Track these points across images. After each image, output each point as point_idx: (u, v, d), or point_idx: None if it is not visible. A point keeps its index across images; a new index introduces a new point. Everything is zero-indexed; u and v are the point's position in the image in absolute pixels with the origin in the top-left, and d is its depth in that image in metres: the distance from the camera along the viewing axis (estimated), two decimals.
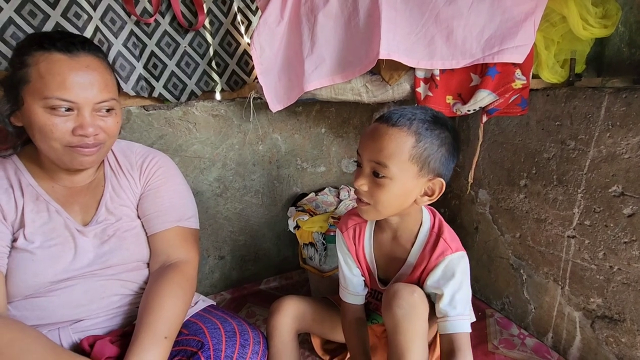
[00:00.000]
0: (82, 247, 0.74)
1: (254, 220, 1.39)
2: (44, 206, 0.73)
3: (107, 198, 0.79)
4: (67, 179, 0.76)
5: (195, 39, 1.25)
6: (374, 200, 0.70)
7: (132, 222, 0.81)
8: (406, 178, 0.68)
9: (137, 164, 0.85)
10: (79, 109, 0.66)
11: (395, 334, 0.68)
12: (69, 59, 0.65)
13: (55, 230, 0.72)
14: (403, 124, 0.66)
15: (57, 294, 0.71)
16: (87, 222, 0.77)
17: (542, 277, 1.04)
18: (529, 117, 0.99)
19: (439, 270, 0.71)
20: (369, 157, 0.69)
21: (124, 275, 0.79)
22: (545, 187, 0.98)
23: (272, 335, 0.84)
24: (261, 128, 1.29)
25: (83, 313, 0.74)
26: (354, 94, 1.04)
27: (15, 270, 0.68)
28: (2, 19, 0.96)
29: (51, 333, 0.72)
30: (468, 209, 1.29)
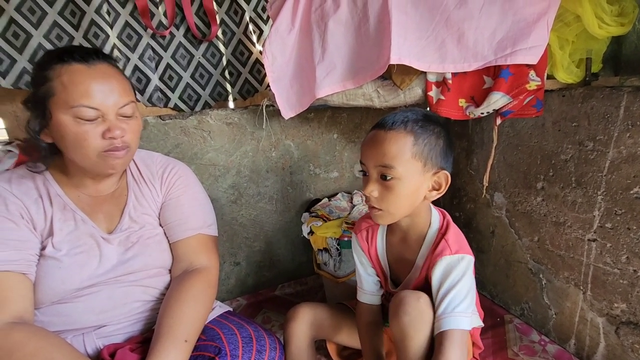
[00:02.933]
0: (107, 254, 0.76)
1: (269, 227, 1.40)
2: (71, 215, 0.75)
3: (131, 207, 0.82)
4: (93, 188, 0.79)
5: (209, 49, 1.28)
6: (386, 204, 0.72)
7: (154, 229, 0.83)
8: (413, 175, 0.70)
9: (157, 174, 0.87)
10: (104, 116, 0.69)
11: (402, 340, 0.68)
12: (87, 68, 0.68)
13: (81, 238, 0.75)
14: (399, 127, 0.70)
15: (82, 300, 0.74)
16: (112, 230, 0.79)
17: (562, 282, 1.01)
18: (545, 118, 0.98)
19: (437, 272, 0.71)
20: (374, 163, 0.71)
21: (146, 282, 0.81)
22: (563, 189, 0.96)
23: (288, 342, 0.85)
24: (274, 135, 1.31)
25: (106, 319, 0.76)
26: (365, 99, 1.05)
27: (44, 277, 0.71)
28: (33, 45, 1.02)
29: (76, 338, 0.74)
30: (484, 213, 1.27)
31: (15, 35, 1.00)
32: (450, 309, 0.67)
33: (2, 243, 0.67)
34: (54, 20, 1.04)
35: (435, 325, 0.68)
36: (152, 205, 0.85)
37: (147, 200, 0.85)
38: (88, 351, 0.74)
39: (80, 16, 1.05)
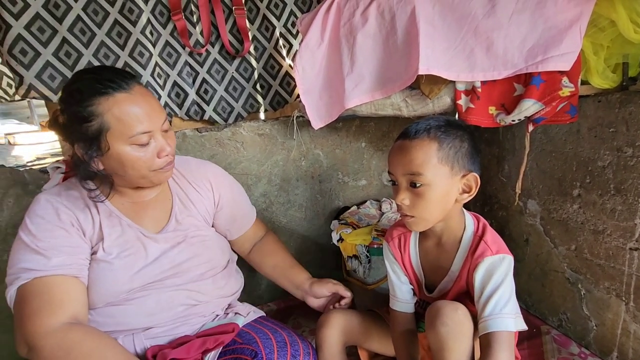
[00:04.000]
0: (153, 252, 0.82)
1: (298, 234, 1.44)
2: (117, 221, 0.82)
3: (177, 210, 0.88)
4: (136, 195, 0.85)
5: (242, 64, 1.35)
6: (418, 211, 0.73)
7: (198, 230, 0.90)
8: (441, 180, 0.72)
9: (203, 179, 0.94)
10: (153, 135, 0.75)
11: (440, 352, 0.68)
12: (129, 95, 0.71)
13: (129, 242, 0.81)
14: (422, 134, 0.72)
15: (133, 303, 0.80)
16: (158, 231, 0.85)
17: (603, 292, 0.98)
18: (580, 124, 0.96)
19: (479, 273, 0.71)
20: (402, 171, 0.73)
21: (189, 286, 0.86)
22: (601, 196, 0.93)
23: (321, 348, 0.87)
24: (304, 145, 1.35)
25: (153, 321, 0.82)
26: (393, 109, 1.07)
27: (97, 279, 0.77)
28: (83, 63, 1.10)
29: (127, 338, 0.80)
30: (517, 221, 1.24)
31: (68, 54, 1.09)
32: (497, 310, 0.67)
33: (56, 249, 0.73)
34: (102, 41, 1.12)
35: (481, 327, 0.68)
36: (201, 209, 0.92)
37: (194, 205, 0.91)
38: (137, 350, 0.80)
39: (126, 37, 1.14)
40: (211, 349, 0.83)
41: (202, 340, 0.82)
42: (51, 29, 1.05)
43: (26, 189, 1.07)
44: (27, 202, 1.06)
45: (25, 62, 1.03)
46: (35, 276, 0.71)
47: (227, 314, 0.95)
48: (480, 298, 0.70)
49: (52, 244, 0.73)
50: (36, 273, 0.71)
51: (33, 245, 0.72)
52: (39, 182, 1.09)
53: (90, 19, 1.09)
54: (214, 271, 0.91)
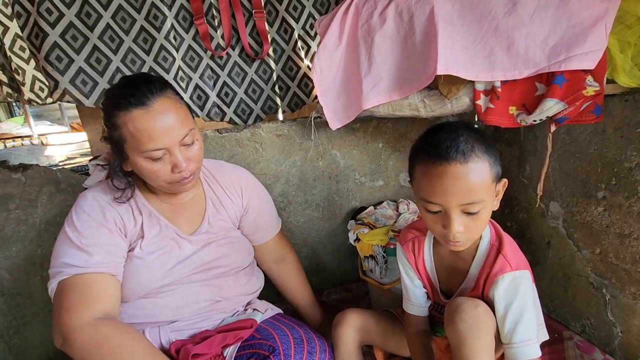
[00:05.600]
0: (185, 252, 0.86)
1: (315, 233, 1.45)
2: (156, 221, 0.86)
3: (210, 214, 0.92)
4: (172, 198, 0.90)
5: (261, 66, 1.37)
6: (471, 234, 0.70)
7: (227, 232, 0.94)
8: (491, 197, 0.69)
9: (235, 185, 0.98)
10: (170, 150, 0.77)
11: (459, 349, 0.67)
12: (145, 112, 0.74)
13: (164, 241, 0.85)
14: (471, 156, 0.65)
15: (161, 296, 0.84)
16: (192, 232, 0.90)
17: (629, 298, 0.94)
18: (605, 124, 0.93)
19: (500, 290, 0.70)
20: (458, 202, 0.65)
21: (214, 281, 0.89)
22: (628, 199, 0.90)
23: (337, 346, 0.88)
24: (321, 145, 1.36)
25: (179, 315, 0.85)
26: (411, 109, 1.07)
27: (132, 275, 0.81)
28: (112, 68, 1.15)
29: (153, 330, 0.84)
30: (538, 223, 1.22)
31: (98, 60, 1.14)
32: (526, 336, 0.67)
33: (98, 247, 0.78)
34: (129, 47, 1.17)
35: (510, 353, 0.68)
36: (231, 214, 0.96)
37: (225, 209, 0.96)
38: (162, 342, 0.83)
39: (152, 42, 1.18)
40: (231, 344, 0.86)
41: (222, 336, 0.85)
42: (83, 36, 1.11)
43: (58, 187, 1.13)
44: (59, 200, 1.13)
45: (61, 68, 1.09)
46: (76, 272, 0.75)
47: (245, 310, 0.98)
48: (505, 320, 0.69)
49: (95, 242, 0.78)
50: (77, 270, 0.75)
51: (77, 241, 0.77)
52: (70, 180, 1.15)
53: (118, 26, 1.14)
54: (237, 269, 0.95)
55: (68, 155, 2.56)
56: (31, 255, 1.12)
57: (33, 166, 1.11)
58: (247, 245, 1.01)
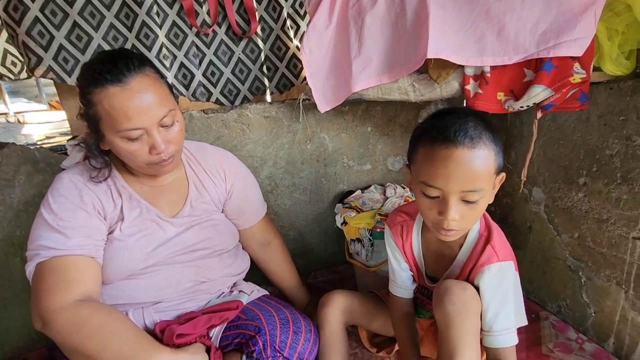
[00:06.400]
0: (167, 234, 0.85)
1: (302, 217, 1.45)
2: (136, 204, 0.84)
3: (192, 197, 0.91)
4: (153, 180, 0.87)
5: (248, 45, 1.33)
6: (465, 223, 0.69)
7: (210, 215, 0.92)
8: (491, 187, 0.68)
9: (218, 167, 0.96)
10: (147, 131, 0.74)
11: (446, 330, 0.69)
12: (122, 90, 0.70)
13: (145, 223, 0.83)
14: (478, 143, 0.63)
15: (144, 278, 0.83)
16: (174, 214, 0.88)
17: (603, 280, 0.99)
18: (589, 112, 0.95)
19: (486, 280, 0.71)
20: (459, 188, 0.64)
21: (198, 263, 0.89)
22: (607, 185, 0.93)
23: (322, 326, 0.89)
24: (309, 128, 1.35)
25: (162, 296, 0.85)
26: (400, 93, 1.06)
27: (113, 257, 0.80)
28: (94, 46, 1.11)
29: (136, 311, 0.83)
30: (521, 208, 1.25)
31: (79, 37, 1.10)
32: (507, 326, 0.69)
33: (75, 229, 0.75)
34: (111, 23, 1.12)
35: (488, 339, 0.70)
36: (214, 197, 0.95)
37: (208, 192, 0.94)
38: (146, 323, 0.83)
39: (134, 18, 1.13)
40: (216, 325, 0.86)
41: (208, 317, 0.85)
42: (62, 12, 1.05)
43: (37, 166, 1.09)
44: (38, 180, 1.09)
45: (43, 44, 1.04)
46: (54, 255, 0.73)
47: (231, 292, 0.98)
48: (488, 309, 0.70)
49: (73, 224, 0.76)
50: (55, 252, 0.73)
51: (54, 223, 0.75)
52: (49, 160, 1.11)
53: (99, 1, 1.09)
54: (221, 251, 0.94)
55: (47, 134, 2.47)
56: (10, 236, 1.09)
57: (9, 145, 1.07)
58: (231, 228, 1.00)
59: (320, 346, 0.88)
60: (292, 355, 0.80)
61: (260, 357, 0.79)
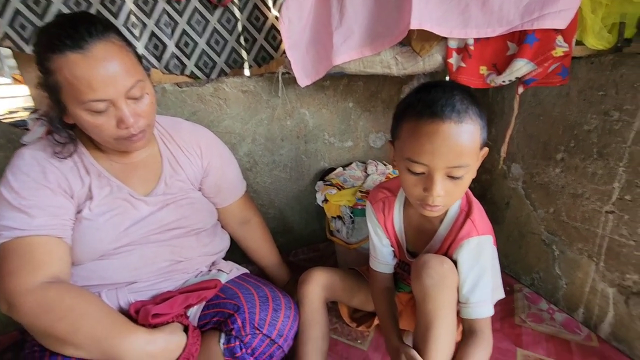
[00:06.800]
0: (142, 215, 0.81)
1: (283, 195, 1.43)
2: (106, 182, 0.79)
3: (167, 174, 0.86)
4: (124, 157, 0.82)
5: (224, 14, 1.26)
6: (449, 199, 0.67)
7: (186, 193, 0.88)
8: (475, 163, 0.67)
9: (194, 144, 0.92)
10: (114, 103, 0.68)
11: (424, 303, 0.69)
12: (83, 57, 0.64)
13: (116, 202, 0.79)
14: (465, 117, 0.61)
15: (117, 257, 0.79)
16: (148, 192, 0.84)
17: (575, 253, 1.02)
18: (570, 87, 0.94)
19: (464, 253, 0.72)
20: (445, 164, 0.62)
21: (174, 242, 0.86)
22: (583, 160, 0.94)
23: (302, 303, 0.89)
24: (289, 103, 1.31)
25: (137, 276, 0.82)
26: (383, 66, 1.03)
27: (82, 238, 0.75)
28: (53, 11, 1.02)
29: (110, 292, 0.80)
30: (499, 184, 1.26)
31: (36, 1, 1.00)
32: (483, 298, 0.70)
33: (40, 208, 0.71)
34: None
35: (465, 310, 0.71)
36: (190, 175, 0.91)
37: (183, 169, 0.89)
38: (121, 304, 0.80)
39: None
40: (194, 304, 0.85)
41: (184, 296, 0.83)
42: None
43: None
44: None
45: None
46: (18, 235, 0.69)
47: (210, 271, 0.96)
48: (465, 281, 0.71)
49: (36, 203, 0.71)
50: (18, 232, 0.69)
51: (16, 202, 0.70)
52: (9, 135, 1.04)
53: None
54: (198, 230, 0.92)
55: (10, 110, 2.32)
56: None
57: None
58: (209, 207, 0.97)
59: (300, 322, 0.87)
60: (271, 332, 0.80)
61: (239, 335, 0.78)
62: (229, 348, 0.78)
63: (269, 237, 1.16)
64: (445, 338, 0.68)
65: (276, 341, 0.80)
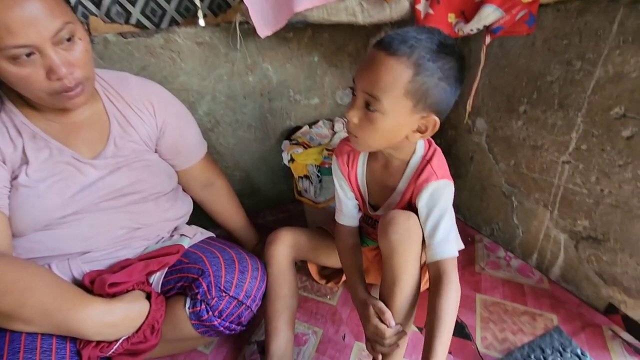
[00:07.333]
0: (90, 180, 0.74)
1: (248, 155, 1.38)
2: (44, 144, 0.71)
3: (116, 135, 0.78)
4: (62, 117, 0.73)
5: None
6: (362, 133, 0.68)
7: (140, 155, 0.82)
8: (399, 114, 0.64)
9: (145, 100, 0.83)
10: (40, 50, 0.59)
11: (390, 259, 0.70)
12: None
13: (58, 166, 0.71)
14: (403, 53, 0.60)
15: (64, 227, 0.73)
16: (95, 155, 0.76)
17: (532, 203, 1.06)
18: (535, 36, 0.93)
19: (424, 197, 0.71)
20: (363, 87, 0.64)
21: (131, 208, 0.80)
22: (545, 112, 0.95)
23: (269, 264, 0.88)
24: (250, 57, 1.21)
25: (90, 245, 0.77)
26: (348, 14, 0.96)
27: (22, 207, 0.68)
28: None
29: (61, 263, 0.75)
30: (464, 139, 1.27)
31: None
32: (445, 237, 0.68)
33: None
34: None
35: (430, 254, 0.69)
36: (143, 135, 0.83)
37: (135, 129, 0.81)
38: (74, 274, 0.76)
39: None
40: (155, 271, 0.81)
41: (144, 263, 0.79)
42: None
43: None
44: None
45: None
46: None
47: (172, 236, 0.92)
48: (427, 223, 0.70)
49: None
50: None
51: None
52: None
53: None
54: (157, 194, 0.86)
55: None
56: None
57: None
58: (167, 169, 0.91)
59: (268, 282, 0.87)
60: (239, 294, 0.79)
61: (205, 299, 0.76)
62: (194, 312, 0.77)
63: (235, 200, 1.12)
64: (410, 291, 0.70)
65: (244, 302, 0.80)
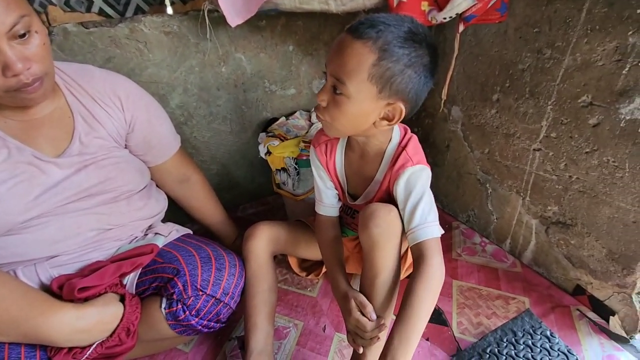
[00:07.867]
0: (54, 180, 0.71)
1: (225, 149, 1.35)
2: (1, 143, 0.67)
3: (81, 131, 0.75)
4: (21, 113, 0.69)
5: None
6: (330, 116, 0.68)
7: (108, 152, 0.78)
8: (363, 99, 0.64)
9: (111, 94, 0.79)
10: None
11: (371, 252, 0.70)
12: None
13: (19, 167, 0.68)
14: (369, 37, 0.60)
15: (30, 231, 0.70)
16: (59, 154, 0.72)
17: (505, 190, 1.08)
18: (507, 24, 0.93)
19: (401, 183, 0.72)
20: (331, 71, 0.65)
21: (100, 209, 0.77)
22: (516, 100, 0.96)
23: (248, 259, 0.87)
24: (221, 47, 1.17)
25: (58, 249, 0.74)
26: (320, 2, 0.93)
27: None
28: None
29: (27, 269, 0.72)
30: (441, 128, 1.28)
31: None
32: (423, 219, 0.68)
33: None
34: None
35: (411, 237, 0.69)
36: (111, 130, 0.79)
37: (101, 124, 0.78)
38: (42, 279, 0.73)
39: None
40: (128, 272, 0.79)
41: (116, 265, 0.77)
42: None
43: None
44: None
45: None
46: None
47: (146, 235, 0.90)
48: (405, 208, 0.70)
49: None
50: None
51: None
52: None
53: None
54: (129, 193, 0.83)
55: None
56: None
57: None
58: (139, 166, 0.88)
59: (247, 278, 0.86)
60: (216, 292, 0.78)
61: (181, 298, 0.75)
62: (171, 312, 0.75)
63: (212, 194, 1.10)
64: (391, 283, 0.70)
65: (222, 300, 0.79)
